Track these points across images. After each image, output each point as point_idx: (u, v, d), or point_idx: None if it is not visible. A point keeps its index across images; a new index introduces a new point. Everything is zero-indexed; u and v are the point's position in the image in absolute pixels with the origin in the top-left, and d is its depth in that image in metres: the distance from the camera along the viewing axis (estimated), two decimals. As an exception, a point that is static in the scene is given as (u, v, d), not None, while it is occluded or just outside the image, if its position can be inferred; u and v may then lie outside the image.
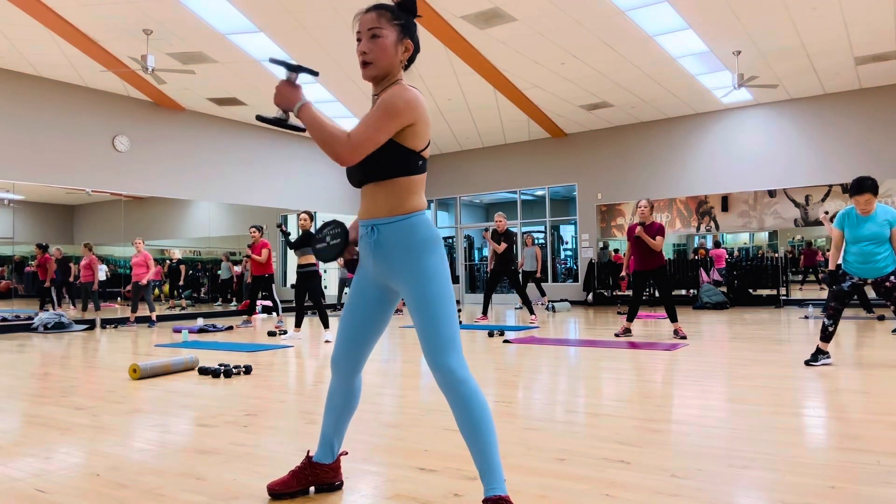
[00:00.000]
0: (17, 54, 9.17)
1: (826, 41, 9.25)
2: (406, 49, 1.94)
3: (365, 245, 1.96)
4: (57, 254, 10.44)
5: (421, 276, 1.86)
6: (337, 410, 2.12)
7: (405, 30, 1.93)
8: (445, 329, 1.83)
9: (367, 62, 1.89)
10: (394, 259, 1.90)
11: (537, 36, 9.05)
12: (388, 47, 1.89)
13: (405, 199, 1.89)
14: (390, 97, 1.82)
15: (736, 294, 12.19)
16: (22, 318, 9.75)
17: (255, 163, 13.17)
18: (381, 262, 1.93)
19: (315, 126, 1.81)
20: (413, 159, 1.88)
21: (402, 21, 1.92)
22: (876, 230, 4.54)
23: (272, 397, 3.91)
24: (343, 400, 2.11)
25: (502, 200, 18.23)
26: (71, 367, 5.46)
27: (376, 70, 1.90)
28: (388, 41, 1.89)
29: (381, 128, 1.80)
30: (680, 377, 4.33)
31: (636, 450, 2.59)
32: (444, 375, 1.81)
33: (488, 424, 1.82)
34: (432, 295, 1.84)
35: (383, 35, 1.89)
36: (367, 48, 1.89)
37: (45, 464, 2.57)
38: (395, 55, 1.91)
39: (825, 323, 4.71)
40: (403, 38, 1.93)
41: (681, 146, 13.10)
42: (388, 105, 1.81)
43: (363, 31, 1.90)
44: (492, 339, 7.06)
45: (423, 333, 1.84)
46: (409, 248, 1.88)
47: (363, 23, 1.91)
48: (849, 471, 2.28)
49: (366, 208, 1.95)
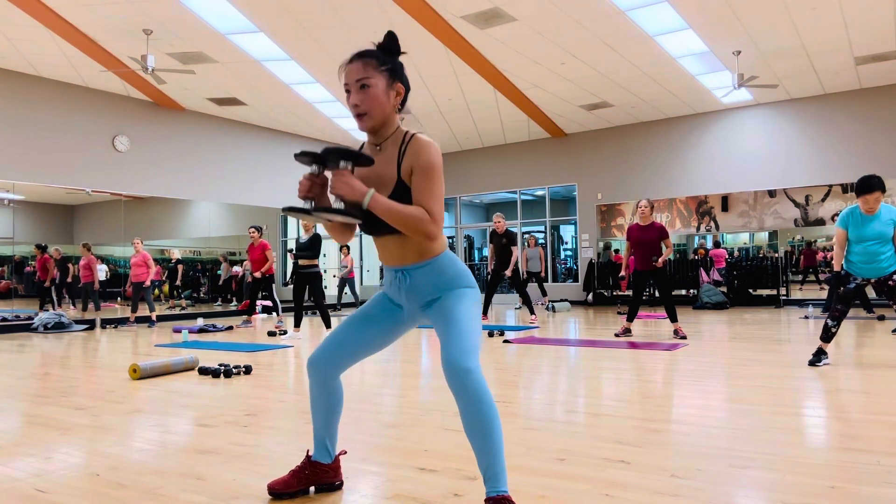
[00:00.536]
0: (17, 54, 9.17)
1: (826, 41, 9.25)
2: (398, 93, 1.91)
3: (397, 287, 2.01)
4: (56, 254, 10.45)
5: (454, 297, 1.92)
6: (322, 412, 2.12)
7: (394, 73, 1.90)
8: (472, 339, 1.86)
9: (362, 114, 1.87)
10: (424, 298, 1.97)
11: (537, 36, 9.05)
12: (379, 96, 1.86)
13: (433, 244, 1.94)
14: (431, 158, 1.85)
15: (736, 294, 12.19)
16: (22, 318, 9.75)
17: (255, 163, 13.17)
18: (414, 300, 2.00)
19: (394, 212, 1.81)
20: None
21: (389, 65, 1.89)
22: (880, 229, 4.52)
23: (272, 397, 3.91)
24: (325, 402, 2.10)
25: (502, 200, 18.23)
26: (71, 367, 5.46)
27: (372, 121, 1.88)
28: (379, 89, 1.86)
29: (442, 190, 1.88)
30: (680, 377, 4.33)
31: (636, 450, 2.59)
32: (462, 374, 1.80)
33: (497, 428, 1.82)
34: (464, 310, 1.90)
35: (373, 84, 1.85)
36: (359, 100, 1.86)
37: (45, 464, 2.57)
38: (388, 102, 1.88)
39: (828, 324, 4.69)
40: (394, 83, 1.89)
41: (681, 146, 13.10)
42: (436, 167, 1.86)
43: (351, 82, 1.86)
44: (492, 339, 7.07)
45: (450, 338, 1.85)
46: (439, 286, 1.94)
47: (350, 74, 1.87)
48: (849, 471, 2.28)
49: (394, 255, 1.97)
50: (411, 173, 1.87)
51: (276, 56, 9.67)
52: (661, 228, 6.90)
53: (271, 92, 11.17)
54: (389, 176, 1.91)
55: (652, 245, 6.89)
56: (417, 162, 1.86)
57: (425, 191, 1.85)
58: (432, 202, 1.84)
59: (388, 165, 1.92)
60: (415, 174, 1.86)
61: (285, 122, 13.15)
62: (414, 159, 1.87)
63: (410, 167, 1.87)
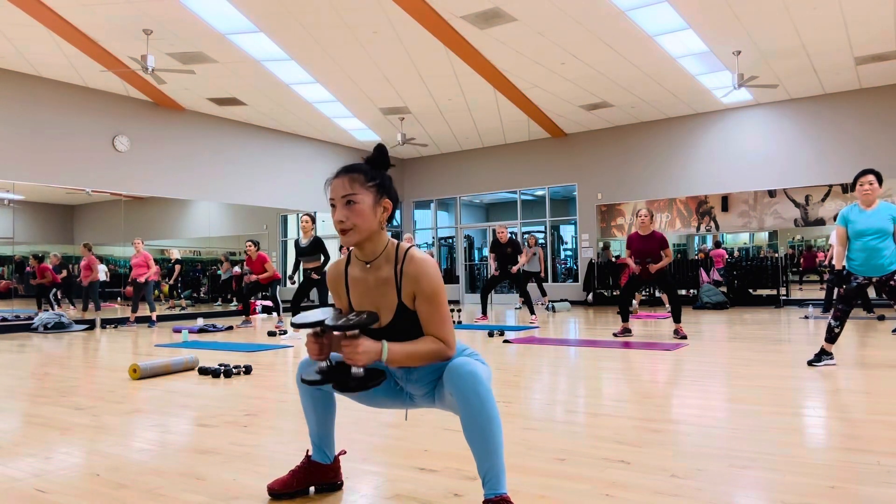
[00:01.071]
0: (17, 54, 9.17)
1: (826, 41, 9.25)
2: (385, 209, 1.88)
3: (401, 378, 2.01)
4: (55, 260, 10.45)
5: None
6: (314, 418, 2.12)
7: (381, 189, 1.86)
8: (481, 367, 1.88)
9: (346, 230, 1.83)
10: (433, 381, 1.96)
11: (537, 36, 9.05)
12: (365, 212, 1.83)
13: None
14: (433, 283, 1.84)
15: (736, 294, 12.19)
16: (22, 318, 9.75)
17: (255, 163, 13.17)
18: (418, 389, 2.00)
19: (413, 356, 1.82)
20: None
21: (377, 181, 1.86)
22: (880, 224, 4.52)
23: (272, 397, 3.91)
24: (316, 409, 2.11)
25: (502, 200, 18.22)
26: (71, 367, 5.46)
27: (357, 236, 1.84)
28: (365, 206, 1.83)
29: (447, 307, 1.89)
30: (680, 377, 4.33)
31: (636, 450, 2.59)
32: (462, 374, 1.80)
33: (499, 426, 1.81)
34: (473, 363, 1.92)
35: (359, 200, 1.82)
36: (344, 216, 1.82)
37: (45, 464, 2.57)
38: (374, 218, 1.85)
39: (831, 324, 4.68)
40: (381, 199, 1.86)
41: (681, 146, 13.10)
42: (439, 292, 1.85)
43: (337, 198, 1.83)
44: (492, 339, 7.07)
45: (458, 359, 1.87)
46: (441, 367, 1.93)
47: (335, 189, 1.84)
48: (849, 471, 2.28)
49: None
50: (413, 298, 1.86)
51: (276, 56, 9.67)
52: (661, 238, 6.89)
53: (271, 92, 11.17)
54: (390, 300, 1.89)
55: (652, 255, 6.90)
56: (420, 289, 1.85)
57: (435, 319, 1.85)
58: (444, 328, 1.85)
59: (385, 287, 1.89)
60: (420, 302, 1.85)
61: (285, 122, 13.15)
62: (415, 286, 1.85)
63: (412, 293, 1.86)
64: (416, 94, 11.37)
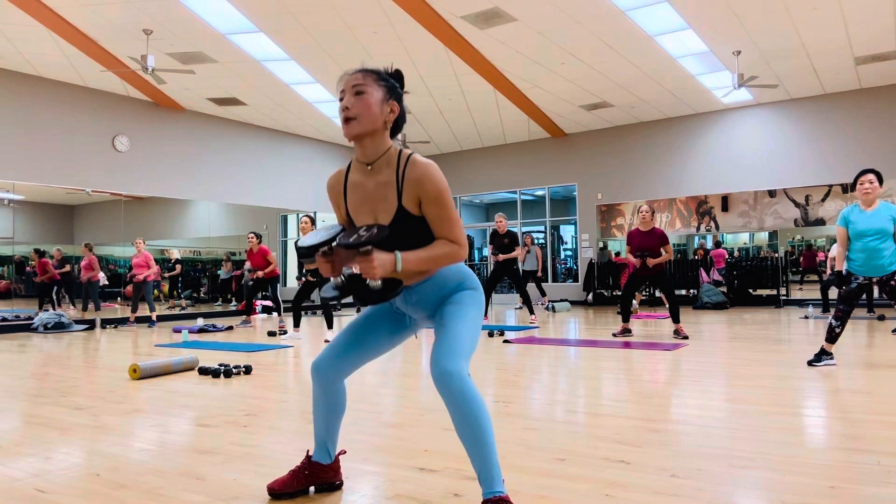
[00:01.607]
0: (17, 54, 9.17)
1: (826, 41, 9.25)
2: (392, 110, 1.88)
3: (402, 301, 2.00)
4: (57, 255, 10.45)
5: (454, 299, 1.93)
6: (324, 415, 2.11)
7: (391, 91, 1.89)
8: (463, 342, 1.84)
9: (350, 118, 1.83)
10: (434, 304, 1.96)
11: (537, 36, 9.05)
12: (372, 105, 1.84)
13: None
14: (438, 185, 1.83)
15: (736, 294, 12.19)
16: (22, 318, 9.75)
17: (255, 163, 13.17)
18: (420, 313, 2.00)
19: (426, 261, 1.82)
20: None
21: (388, 83, 1.89)
22: (880, 225, 4.52)
23: (272, 397, 3.91)
24: (328, 405, 2.10)
25: (502, 200, 18.23)
26: (71, 367, 5.46)
27: (359, 127, 1.84)
28: (373, 99, 1.84)
29: (455, 209, 1.87)
30: (680, 377, 4.33)
31: (636, 450, 2.59)
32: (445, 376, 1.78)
33: (486, 426, 1.80)
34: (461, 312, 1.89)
35: (368, 92, 1.84)
36: (350, 104, 1.83)
37: (45, 464, 2.57)
38: (379, 114, 1.85)
39: (832, 324, 4.67)
40: (389, 99, 1.88)
41: (681, 146, 13.10)
42: (444, 192, 1.84)
43: (347, 88, 1.86)
44: (492, 339, 7.06)
45: (439, 340, 1.85)
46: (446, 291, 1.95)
47: (347, 81, 1.86)
48: (849, 471, 2.28)
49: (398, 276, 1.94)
50: (418, 203, 1.85)
51: (276, 56, 9.67)
52: (661, 234, 6.90)
53: (271, 92, 11.17)
54: (390, 204, 1.87)
55: (652, 251, 6.90)
56: (424, 192, 1.83)
57: (444, 221, 1.84)
58: (454, 229, 1.84)
59: (386, 190, 1.88)
60: (426, 205, 1.84)
61: (285, 122, 13.15)
62: (419, 189, 1.83)
63: (417, 197, 1.84)
64: (416, 94, 11.37)
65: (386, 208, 1.88)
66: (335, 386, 2.08)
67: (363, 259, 1.73)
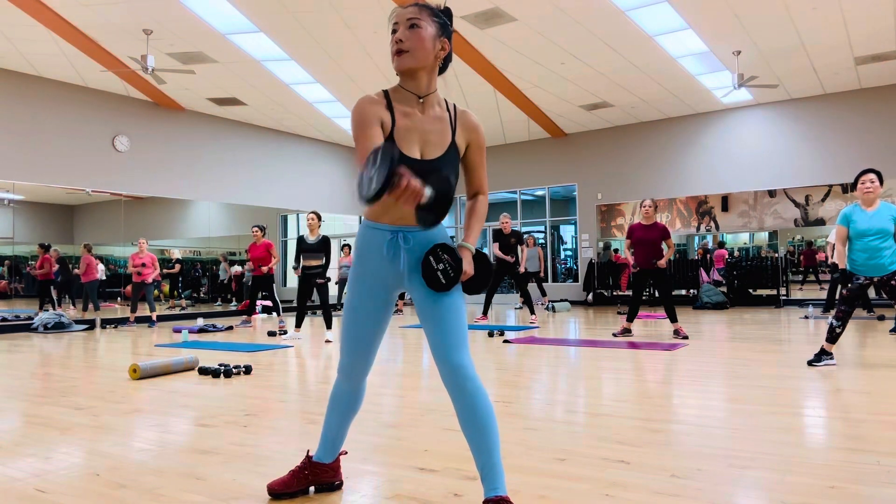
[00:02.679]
0: (17, 54, 9.17)
1: (826, 41, 9.25)
2: (443, 48, 1.90)
3: (391, 250, 1.92)
4: (55, 254, 10.45)
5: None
6: (342, 413, 2.11)
7: (444, 28, 1.90)
8: (459, 329, 1.85)
9: (403, 50, 1.83)
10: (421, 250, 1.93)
11: (537, 36, 9.05)
12: (426, 38, 1.84)
13: None
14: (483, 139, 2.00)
15: (736, 294, 12.19)
16: (22, 318, 9.75)
17: (255, 163, 13.17)
18: (408, 265, 1.93)
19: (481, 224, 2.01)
20: None
21: (441, 20, 1.90)
22: (881, 225, 4.55)
23: (272, 397, 3.91)
24: (349, 403, 2.10)
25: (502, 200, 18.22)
26: (71, 367, 5.46)
27: (412, 60, 1.84)
28: (427, 33, 1.85)
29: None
30: (680, 377, 4.33)
31: (636, 450, 2.59)
32: (455, 371, 1.81)
33: (493, 424, 1.82)
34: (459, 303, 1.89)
35: (422, 26, 1.84)
36: (405, 36, 1.84)
37: (45, 464, 2.57)
38: (432, 49, 1.86)
39: (833, 324, 4.68)
40: (441, 36, 1.89)
41: (681, 146, 13.10)
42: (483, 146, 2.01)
43: (402, 20, 1.85)
44: (492, 339, 7.06)
45: (437, 331, 1.84)
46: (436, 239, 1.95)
47: (401, 14, 1.86)
48: (849, 471, 2.28)
49: (395, 215, 1.90)
50: (466, 146, 1.98)
51: (276, 56, 9.67)
52: (663, 228, 6.91)
53: (271, 92, 11.17)
54: (443, 137, 1.92)
55: (654, 244, 6.89)
56: (477, 139, 1.98)
57: (482, 169, 2.02)
58: (485, 178, 2.04)
59: (440, 124, 1.93)
60: (473, 152, 1.99)
61: (285, 122, 13.15)
62: (473, 136, 1.97)
63: (467, 141, 1.97)
64: (416, 94, 11.36)
65: (438, 141, 1.91)
66: (363, 383, 2.09)
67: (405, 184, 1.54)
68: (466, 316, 1.92)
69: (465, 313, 1.90)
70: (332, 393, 2.12)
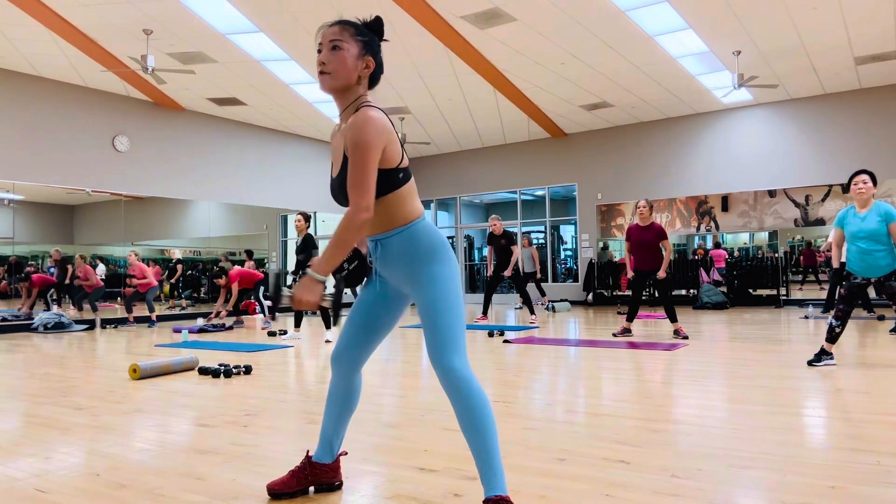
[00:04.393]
0: (17, 54, 9.17)
1: (826, 41, 9.25)
2: (367, 66, 1.90)
3: (374, 258, 2.00)
4: (56, 255, 10.44)
5: (426, 280, 1.87)
6: (337, 410, 2.12)
7: (368, 46, 1.90)
8: (449, 330, 1.84)
9: (325, 72, 1.86)
10: (400, 269, 1.92)
11: (537, 36, 9.05)
12: (347, 59, 1.86)
13: (398, 212, 1.89)
14: (356, 136, 1.77)
15: (736, 294, 12.19)
16: (22, 318, 9.75)
17: (255, 163, 13.17)
18: (389, 274, 1.97)
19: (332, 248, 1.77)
20: (393, 176, 1.86)
21: (365, 38, 1.90)
22: (874, 227, 4.57)
23: (272, 397, 3.91)
24: (343, 398, 2.11)
25: (502, 200, 18.23)
26: (71, 367, 5.46)
27: (333, 81, 1.86)
28: (349, 54, 1.86)
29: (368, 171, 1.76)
30: (680, 377, 4.33)
31: (636, 450, 2.59)
32: (446, 374, 1.82)
33: (491, 424, 1.82)
34: (437, 297, 1.86)
35: (344, 47, 1.86)
36: (326, 58, 1.85)
37: (45, 464, 2.57)
38: (354, 69, 1.87)
39: (832, 324, 4.69)
40: (365, 55, 1.89)
41: (681, 146, 13.10)
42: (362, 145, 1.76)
43: (324, 42, 1.87)
44: (492, 339, 7.06)
45: (428, 334, 1.86)
46: (412, 257, 1.89)
47: (325, 35, 1.88)
48: (849, 471, 2.28)
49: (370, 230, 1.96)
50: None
51: (276, 56, 9.67)
52: (659, 229, 6.90)
53: (271, 92, 11.17)
54: (341, 151, 1.91)
55: (651, 246, 6.89)
56: (347, 141, 1.80)
57: (350, 178, 1.77)
58: (354, 190, 1.75)
59: (341, 140, 1.92)
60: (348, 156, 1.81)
61: (285, 122, 13.15)
62: (347, 135, 1.80)
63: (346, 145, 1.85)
64: (416, 94, 11.37)
65: (338, 158, 1.93)
66: (353, 376, 2.10)
67: (294, 303, 1.78)
68: (464, 318, 1.90)
69: (462, 315, 1.89)
70: (328, 389, 2.14)
